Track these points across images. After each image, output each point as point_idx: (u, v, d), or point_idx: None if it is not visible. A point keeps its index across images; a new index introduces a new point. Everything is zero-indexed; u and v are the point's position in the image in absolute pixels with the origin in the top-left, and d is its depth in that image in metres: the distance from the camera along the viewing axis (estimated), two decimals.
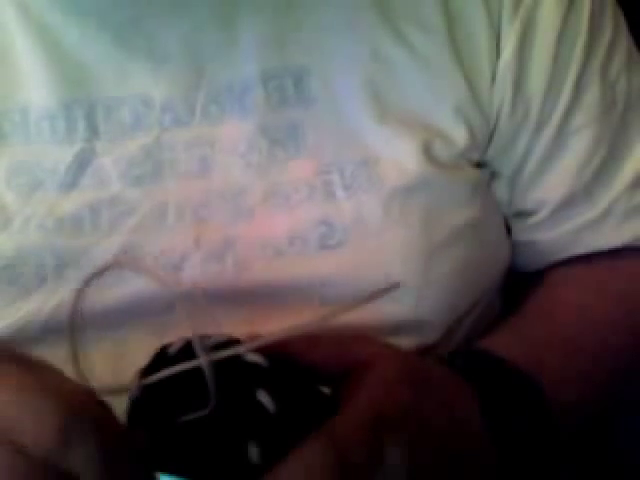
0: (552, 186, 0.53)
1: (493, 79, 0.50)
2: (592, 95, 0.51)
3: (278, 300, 0.47)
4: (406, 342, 0.48)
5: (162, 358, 0.37)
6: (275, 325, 0.40)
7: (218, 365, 0.35)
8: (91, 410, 0.34)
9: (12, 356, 0.36)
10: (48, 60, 0.49)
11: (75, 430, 0.32)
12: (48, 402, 0.33)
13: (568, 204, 0.53)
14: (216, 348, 0.36)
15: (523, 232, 0.55)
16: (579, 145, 0.52)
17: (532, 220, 0.54)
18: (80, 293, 0.37)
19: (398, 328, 0.48)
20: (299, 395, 0.37)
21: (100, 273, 0.37)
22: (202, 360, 0.35)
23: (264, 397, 0.35)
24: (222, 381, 0.35)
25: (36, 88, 0.49)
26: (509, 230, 0.56)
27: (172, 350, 0.37)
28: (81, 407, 0.34)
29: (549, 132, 0.51)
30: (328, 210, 0.48)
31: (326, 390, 0.37)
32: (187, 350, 0.36)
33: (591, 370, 0.50)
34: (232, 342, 0.37)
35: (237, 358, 0.36)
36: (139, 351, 0.38)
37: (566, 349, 0.49)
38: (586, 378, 0.49)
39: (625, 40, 0.54)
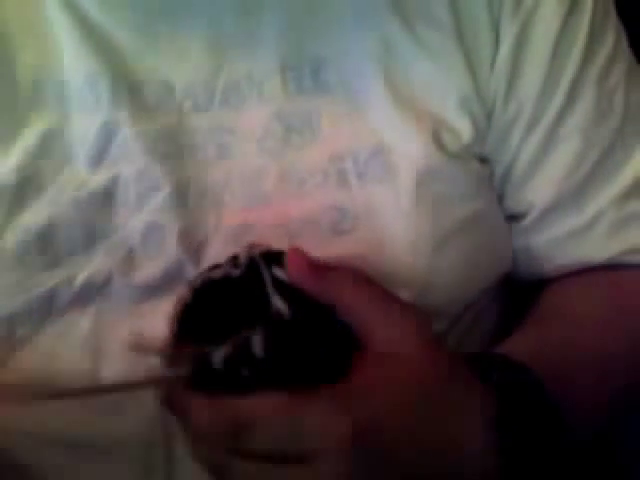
0: (540, 188, 0.53)
1: (492, 72, 0.52)
2: (586, 101, 0.52)
3: None
4: None
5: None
6: None
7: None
8: None
9: None
10: (79, 36, 0.51)
11: None
12: None
13: (556, 208, 0.53)
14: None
15: (516, 236, 0.55)
16: (569, 149, 0.52)
17: (523, 223, 0.55)
18: None
19: None
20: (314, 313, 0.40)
21: None
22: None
23: (279, 302, 0.39)
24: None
25: (68, 61, 0.51)
26: None
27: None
28: None
29: (540, 133, 0.52)
30: (341, 196, 0.49)
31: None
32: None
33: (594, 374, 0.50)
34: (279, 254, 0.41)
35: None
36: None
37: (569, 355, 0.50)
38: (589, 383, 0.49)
39: (626, 54, 0.55)
